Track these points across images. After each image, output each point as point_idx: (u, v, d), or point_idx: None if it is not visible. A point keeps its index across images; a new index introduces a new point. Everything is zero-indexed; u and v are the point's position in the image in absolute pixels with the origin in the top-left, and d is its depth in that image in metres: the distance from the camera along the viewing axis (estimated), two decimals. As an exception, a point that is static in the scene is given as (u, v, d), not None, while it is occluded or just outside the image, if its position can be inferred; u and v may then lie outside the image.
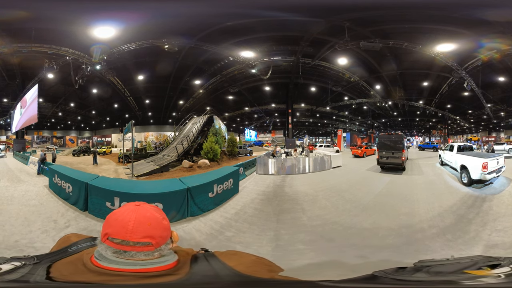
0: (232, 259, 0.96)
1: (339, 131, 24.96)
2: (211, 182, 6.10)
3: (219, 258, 0.96)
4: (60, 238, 1.24)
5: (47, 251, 1.06)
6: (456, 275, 0.97)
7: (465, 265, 1.05)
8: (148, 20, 12.56)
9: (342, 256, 3.61)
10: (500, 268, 0.99)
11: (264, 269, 0.98)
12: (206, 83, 20.50)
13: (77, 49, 15.06)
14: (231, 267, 0.89)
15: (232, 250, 1.12)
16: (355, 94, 22.65)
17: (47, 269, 0.83)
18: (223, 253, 1.02)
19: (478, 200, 6.13)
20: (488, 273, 0.96)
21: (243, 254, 1.09)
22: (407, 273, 1.01)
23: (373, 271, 1.00)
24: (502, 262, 1.05)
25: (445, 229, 4.49)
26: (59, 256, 0.94)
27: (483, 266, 1.03)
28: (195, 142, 15.96)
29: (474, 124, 27.57)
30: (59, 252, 0.99)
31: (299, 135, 33.06)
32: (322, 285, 0.86)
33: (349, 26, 13.18)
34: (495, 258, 1.13)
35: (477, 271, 0.98)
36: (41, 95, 17.53)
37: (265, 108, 24.60)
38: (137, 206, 0.90)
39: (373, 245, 4.03)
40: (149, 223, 0.85)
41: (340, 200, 6.61)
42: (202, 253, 1.00)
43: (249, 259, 1.02)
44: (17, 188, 7.91)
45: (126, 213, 0.86)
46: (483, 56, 14.69)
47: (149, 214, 0.88)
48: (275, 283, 0.90)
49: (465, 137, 30.05)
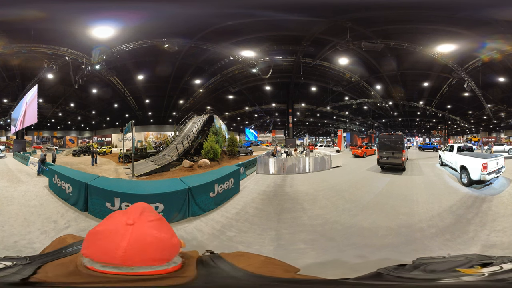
0: (240, 260, 0.93)
1: (340, 131, 24.97)
2: (212, 181, 6.10)
3: (226, 259, 0.93)
4: (55, 239, 1.20)
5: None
6: (448, 273, 0.98)
7: (459, 263, 1.07)
8: (148, 20, 12.55)
9: (342, 256, 3.63)
10: (491, 267, 1.00)
11: (279, 269, 0.97)
12: (206, 83, 20.49)
13: (76, 49, 15.05)
14: (241, 269, 0.86)
15: (239, 251, 1.11)
16: (355, 94, 22.66)
17: (36, 270, 0.78)
18: (229, 255, 1.00)
19: (478, 200, 6.14)
20: (477, 271, 0.97)
21: (251, 255, 1.07)
22: (406, 270, 1.03)
23: (377, 269, 1.02)
24: (494, 261, 1.06)
25: (444, 229, 4.51)
26: (52, 258, 0.90)
27: (475, 265, 1.04)
28: (196, 141, 15.97)
29: (474, 125, 27.57)
30: (53, 253, 0.95)
31: (299, 135, 33.06)
32: (336, 282, 0.87)
33: (351, 26, 13.17)
34: (488, 257, 1.14)
35: (468, 269, 1.00)
36: (41, 96, 17.51)
37: (266, 107, 24.60)
38: (130, 226, 0.73)
39: (373, 244, 4.06)
40: (151, 249, 0.72)
41: (340, 199, 6.64)
42: (208, 256, 0.97)
43: (258, 260, 1.00)
44: (17, 188, 7.90)
45: (113, 236, 0.70)
46: (484, 56, 14.69)
47: (150, 237, 0.73)
48: (297, 282, 0.88)
49: (465, 137, 30.06)
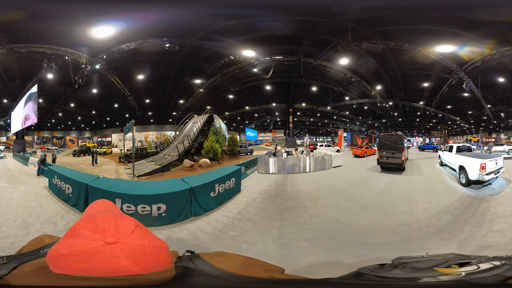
0: (219, 260, 0.92)
1: (340, 130, 25.02)
2: (214, 181, 6.11)
3: (206, 259, 0.92)
4: (32, 239, 1.17)
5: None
6: (426, 272, 0.98)
7: (437, 263, 1.07)
8: (148, 20, 12.55)
9: (342, 253, 3.67)
10: (468, 266, 1.00)
11: (259, 269, 0.96)
12: (206, 82, 20.50)
13: (76, 49, 15.04)
14: (221, 269, 0.85)
15: (218, 252, 1.09)
16: (356, 94, 22.71)
17: (11, 270, 0.75)
18: (209, 255, 0.99)
19: (475, 200, 6.18)
20: (453, 271, 0.97)
21: (230, 255, 1.05)
22: (385, 270, 1.04)
23: (358, 268, 1.03)
24: (472, 261, 1.06)
25: (441, 228, 4.57)
26: (29, 258, 0.87)
27: (453, 264, 1.04)
28: (196, 141, 15.99)
29: (474, 125, 27.62)
30: (30, 254, 0.93)
31: (299, 135, 33.08)
32: (319, 282, 0.88)
33: (352, 26, 13.19)
34: (466, 257, 1.14)
35: (445, 268, 1.00)
36: (41, 96, 17.51)
37: (266, 107, 24.62)
38: (109, 246, 0.65)
39: (372, 242, 4.12)
40: (149, 260, 0.68)
41: (341, 198, 6.69)
42: (187, 256, 0.96)
43: (238, 260, 0.99)
44: (16, 189, 7.82)
45: (88, 254, 0.63)
46: (482, 57, 14.74)
47: (144, 249, 0.69)
48: (278, 282, 0.87)
49: (465, 138, 30.09)
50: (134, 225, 0.76)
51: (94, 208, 0.86)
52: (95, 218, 0.77)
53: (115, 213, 0.81)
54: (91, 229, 0.71)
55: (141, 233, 0.75)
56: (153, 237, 0.77)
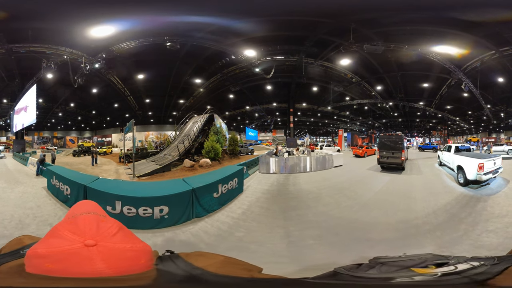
0: (199, 260, 0.92)
1: (340, 131, 25.07)
2: (216, 182, 6.09)
3: (186, 259, 0.92)
4: (12, 240, 1.16)
5: None
6: (403, 273, 0.99)
7: (414, 263, 1.08)
8: (148, 19, 12.54)
9: (344, 250, 3.73)
10: (445, 267, 1.00)
11: (239, 268, 0.95)
12: (207, 82, 20.50)
13: (75, 48, 15.01)
14: (201, 268, 0.84)
15: (198, 251, 1.08)
16: (356, 95, 22.77)
17: None
18: (189, 254, 0.99)
19: (473, 200, 6.26)
20: (430, 271, 0.98)
21: (210, 255, 1.05)
22: (362, 270, 1.06)
23: (334, 268, 1.05)
24: (449, 261, 1.06)
25: (437, 226, 4.66)
26: (8, 259, 0.86)
27: (430, 264, 1.05)
28: (196, 141, 16.01)
29: (474, 125, 27.71)
30: (9, 254, 0.92)
31: (300, 135, 33.12)
32: (296, 282, 0.89)
33: (354, 27, 13.22)
34: (444, 257, 1.15)
35: (422, 269, 1.01)
36: (40, 96, 17.47)
37: (267, 107, 24.65)
38: (87, 249, 0.65)
39: (373, 238, 4.20)
40: (128, 263, 0.68)
41: (342, 197, 6.79)
42: (167, 255, 0.96)
43: (217, 259, 0.98)
44: (14, 189, 7.75)
45: (64, 255, 0.63)
46: (482, 57, 14.81)
47: (125, 252, 0.69)
48: (256, 281, 0.87)
49: (465, 138, 30.18)
50: (117, 227, 0.76)
51: (77, 209, 0.86)
52: (77, 219, 0.76)
53: (98, 215, 0.80)
54: (71, 231, 0.70)
55: (124, 236, 0.75)
56: (135, 240, 0.77)
